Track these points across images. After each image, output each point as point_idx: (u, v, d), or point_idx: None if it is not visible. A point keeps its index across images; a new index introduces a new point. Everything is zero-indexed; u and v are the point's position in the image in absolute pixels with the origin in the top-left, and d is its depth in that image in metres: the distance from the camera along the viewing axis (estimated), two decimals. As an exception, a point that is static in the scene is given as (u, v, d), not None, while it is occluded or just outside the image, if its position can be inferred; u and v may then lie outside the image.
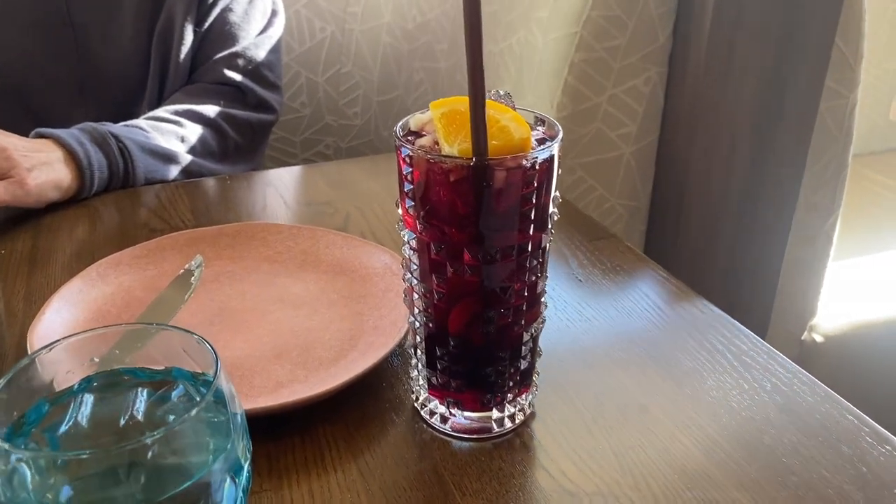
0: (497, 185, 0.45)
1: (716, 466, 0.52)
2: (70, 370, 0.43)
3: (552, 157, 0.47)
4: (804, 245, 1.19)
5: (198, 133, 1.05)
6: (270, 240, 0.75)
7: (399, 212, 0.51)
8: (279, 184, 0.97)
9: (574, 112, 1.08)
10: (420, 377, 0.54)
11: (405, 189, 0.48)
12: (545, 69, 1.11)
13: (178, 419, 0.37)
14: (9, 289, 0.72)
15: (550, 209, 0.49)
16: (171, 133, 1.02)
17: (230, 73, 1.10)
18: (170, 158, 1.00)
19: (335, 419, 0.56)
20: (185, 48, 1.10)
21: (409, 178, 0.47)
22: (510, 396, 0.53)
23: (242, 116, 1.10)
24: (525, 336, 0.51)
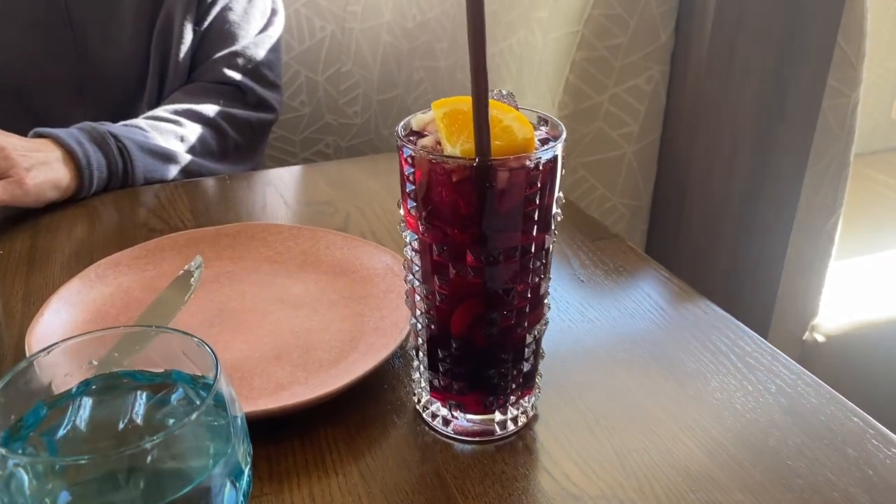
0: (500, 186, 0.45)
1: (720, 469, 0.51)
2: (68, 373, 0.43)
3: (556, 158, 0.46)
4: (806, 245, 1.19)
5: (197, 132, 1.04)
6: (270, 240, 0.75)
7: (401, 213, 0.50)
8: (279, 183, 0.97)
9: (575, 111, 1.07)
10: (422, 379, 0.54)
11: (407, 190, 0.48)
12: (545, 69, 1.11)
13: (178, 423, 0.36)
14: (7, 289, 0.72)
15: (554, 210, 0.49)
16: (171, 133, 1.01)
17: (230, 73, 1.10)
18: (169, 158, 0.99)
19: (336, 421, 0.55)
20: (185, 47, 1.09)
21: (411, 179, 0.47)
22: (513, 399, 0.52)
23: (242, 116, 1.10)
24: (528, 338, 0.51)
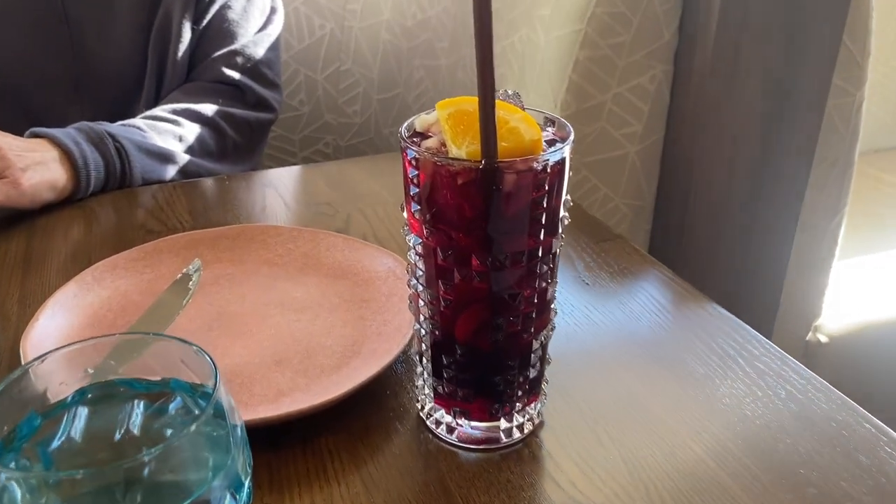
0: (507, 189, 0.44)
1: (729, 476, 0.50)
2: (63, 381, 0.41)
3: (563, 160, 0.45)
4: (810, 245, 1.18)
5: (196, 132, 1.03)
6: (270, 242, 0.74)
7: (404, 215, 0.49)
8: (279, 184, 0.96)
9: (578, 110, 1.06)
10: (426, 386, 0.52)
11: (411, 192, 0.46)
12: (548, 67, 1.09)
13: (177, 435, 0.35)
14: (2, 292, 0.71)
15: (561, 213, 0.47)
16: (169, 132, 1.00)
17: (229, 72, 1.08)
18: (167, 158, 0.98)
19: (337, 428, 0.54)
20: (183, 46, 1.08)
21: (415, 181, 0.46)
22: (519, 406, 0.51)
23: (241, 115, 1.09)
24: (534, 344, 0.50)
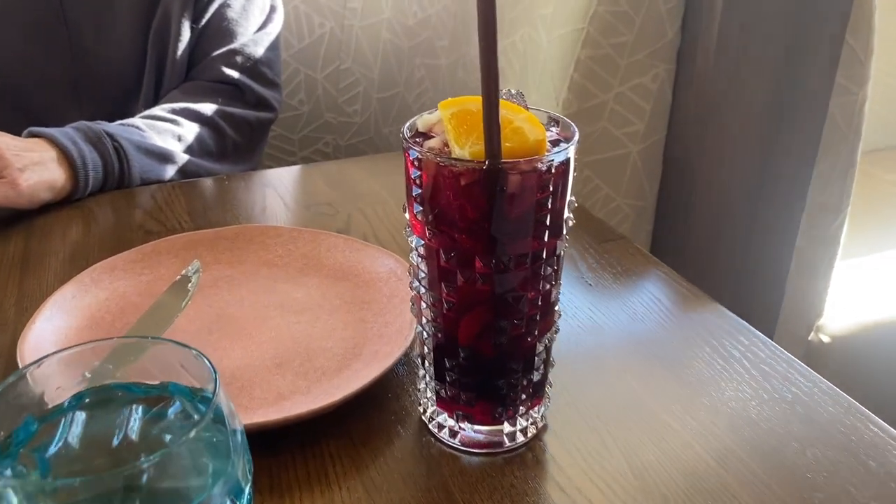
0: (511, 190, 0.43)
1: (737, 481, 0.50)
2: (60, 386, 0.41)
3: (568, 160, 0.45)
4: (812, 245, 1.17)
5: (195, 132, 1.02)
6: (270, 243, 0.73)
7: (406, 217, 0.48)
8: (278, 184, 0.95)
9: (580, 110, 1.05)
10: (428, 389, 0.52)
11: (413, 193, 0.46)
12: (549, 66, 1.09)
13: (176, 441, 0.34)
14: (0, 294, 0.70)
15: (565, 214, 0.47)
16: (168, 132, 0.99)
17: (228, 71, 1.08)
18: (166, 158, 0.97)
19: (339, 432, 0.53)
20: (182, 45, 1.07)
21: (418, 182, 0.45)
22: (522, 409, 0.51)
23: (240, 115, 1.08)
24: (538, 347, 0.49)
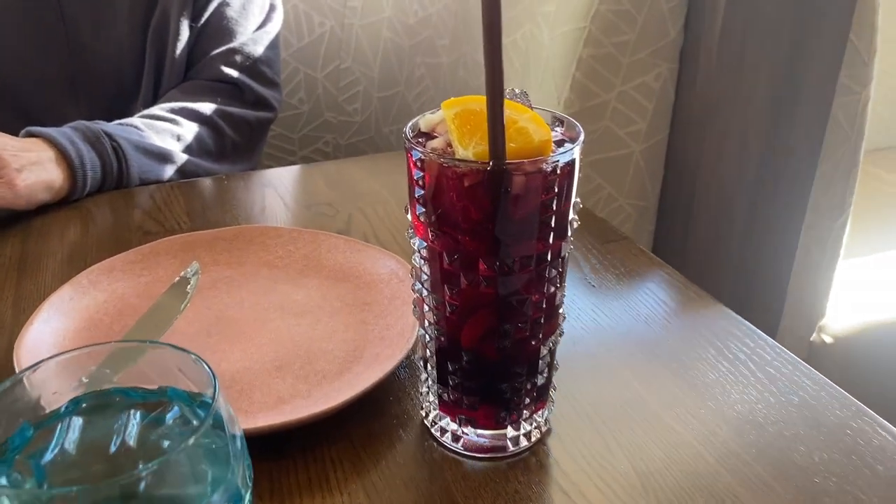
0: (515, 191, 0.42)
1: (743, 487, 0.49)
2: (57, 391, 0.40)
3: (573, 161, 0.44)
4: (814, 245, 1.17)
5: (194, 131, 1.02)
6: (270, 244, 0.72)
7: (408, 218, 0.47)
8: (278, 184, 0.94)
9: (582, 109, 1.05)
10: (430, 393, 0.51)
11: (416, 194, 0.45)
12: (551, 65, 1.08)
13: (174, 448, 0.34)
14: (-4, 296, 0.70)
15: (570, 216, 0.46)
16: (167, 131, 0.98)
17: (227, 70, 1.07)
18: (165, 158, 0.97)
19: (339, 436, 0.53)
20: (181, 44, 1.06)
21: (421, 183, 0.44)
22: (526, 413, 0.50)
23: (240, 114, 1.07)
24: (542, 350, 0.48)
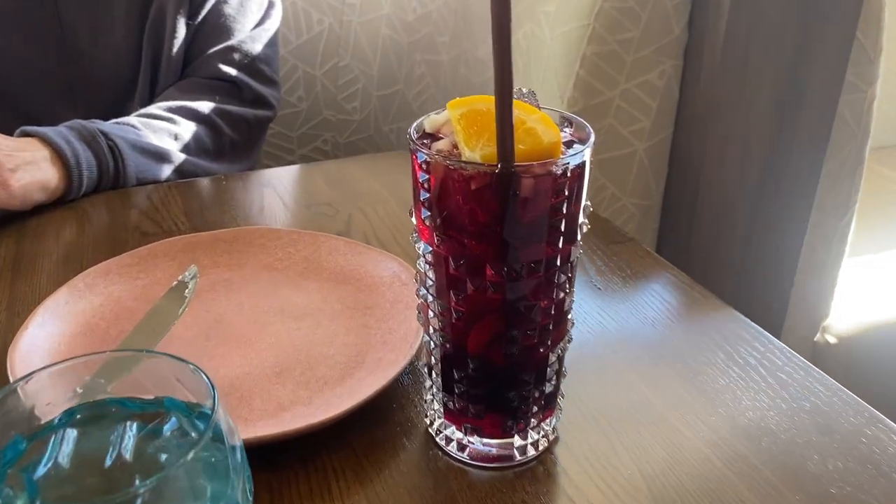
0: (524, 195, 0.41)
1: (756, 495, 0.48)
2: (50, 402, 0.39)
3: (584, 164, 0.43)
4: (819, 244, 1.16)
5: (191, 130, 1.00)
6: (269, 246, 0.71)
7: (413, 221, 0.46)
8: (277, 184, 0.93)
9: (585, 107, 1.03)
10: (435, 401, 0.50)
11: (421, 197, 0.44)
12: (553, 64, 1.07)
13: (172, 463, 0.32)
14: (-10, 299, 0.68)
15: (580, 219, 0.45)
16: (164, 130, 0.97)
17: (225, 68, 1.05)
18: (162, 157, 0.95)
19: (341, 444, 0.51)
20: (178, 42, 1.05)
21: (426, 186, 0.43)
22: (534, 422, 0.49)
23: (238, 112, 1.06)
24: (551, 357, 0.47)
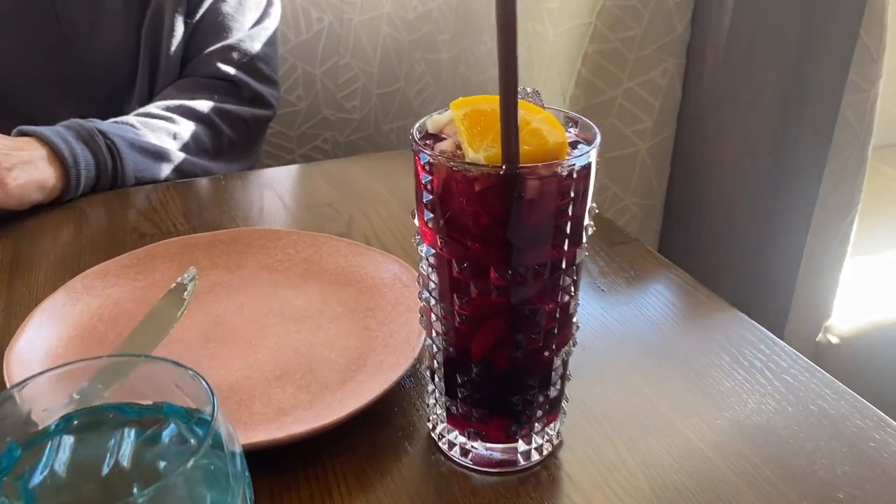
0: (529, 196, 0.40)
1: (764, 502, 0.47)
2: (47, 408, 0.38)
3: (589, 165, 0.42)
4: (821, 244, 1.15)
5: (190, 129, 0.99)
6: (269, 247, 0.70)
7: (416, 223, 0.45)
8: (276, 184, 0.92)
9: (588, 106, 1.03)
10: (438, 405, 0.49)
11: (424, 199, 0.43)
12: (556, 62, 1.06)
13: (171, 471, 0.32)
14: (-13, 301, 0.67)
15: (586, 221, 0.44)
16: (163, 130, 0.96)
17: (224, 67, 1.04)
18: (161, 156, 0.94)
19: (342, 449, 0.51)
20: (176, 41, 1.04)
21: (429, 188, 0.42)
22: (538, 426, 0.48)
23: (237, 112, 1.05)
24: (556, 361, 0.46)
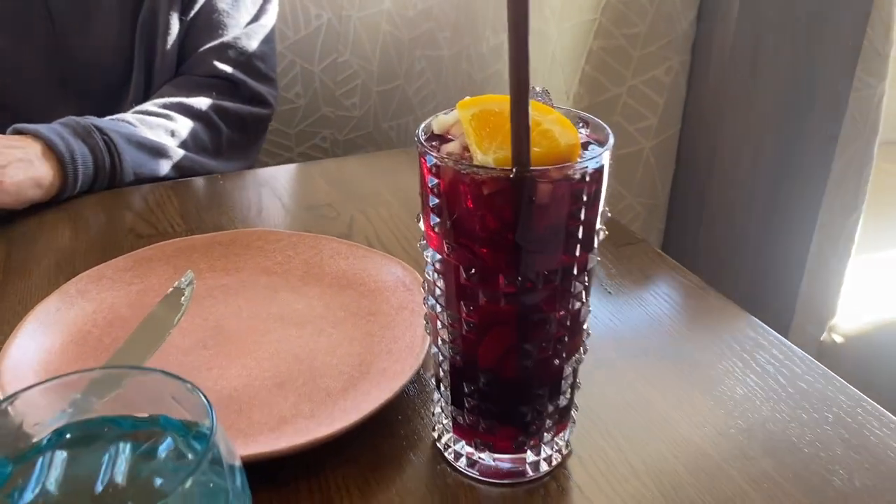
0: (540, 200, 0.38)
1: (779, 513, 0.46)
2: (38, 422, 0.36)
3: (602, 167, 0.40)
4: (827, 243, 1.14)
5: (189, 127, 0.98)
6: (268, 249, 0.68)
7: (421, 228, 0.44)
8: (276, 184, 0.90)
9: (592, 104, 1.01)
10: (443, 415, 0.47)
11: (430, 203, 0.41)
12: (559, 59, 1.04)
13: (168, 491, 0.30)
14: (-21, 305, 0.66)
15: (597, 225, 0.42)
16: (160, 127, 0.94)
17: (220, 65, 1.03)
18: (159, 152, 0.93)
19: (345, 459, 0.49)
20: (171, 38, 1.02)
21: (435, 191, 0.40)
22: (547, 437, 0.46)
23: (235, 110, 1.03)
24: (566, 369, 0.45)
